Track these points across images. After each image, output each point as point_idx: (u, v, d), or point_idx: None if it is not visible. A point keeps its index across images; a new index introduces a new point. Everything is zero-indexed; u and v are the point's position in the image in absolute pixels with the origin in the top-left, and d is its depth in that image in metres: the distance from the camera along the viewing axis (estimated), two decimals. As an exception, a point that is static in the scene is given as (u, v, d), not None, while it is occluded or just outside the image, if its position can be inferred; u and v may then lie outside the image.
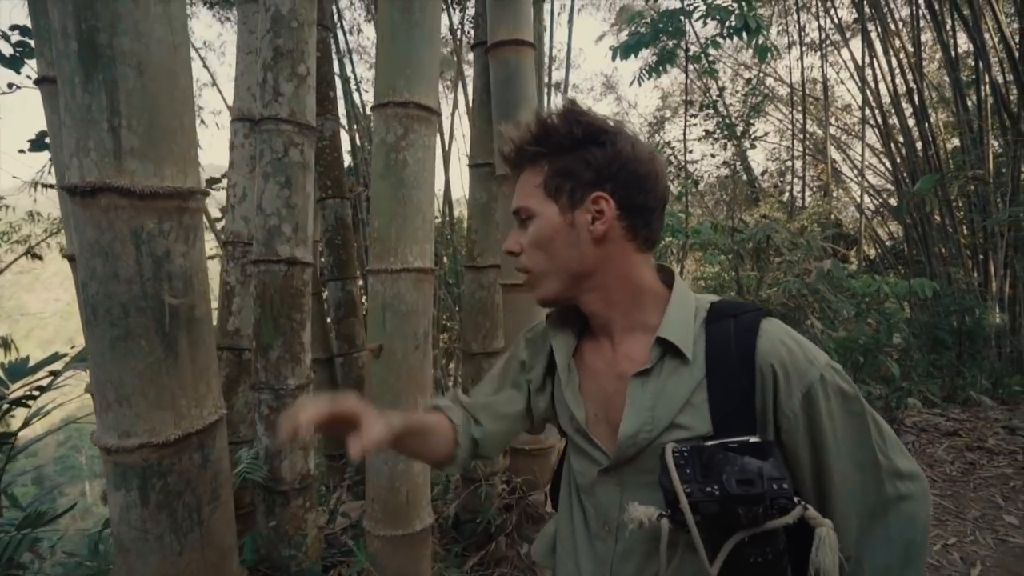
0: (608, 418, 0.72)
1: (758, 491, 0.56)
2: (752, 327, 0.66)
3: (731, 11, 4.56)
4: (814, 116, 9.65)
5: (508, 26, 1.85)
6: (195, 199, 0.93)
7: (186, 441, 0.93)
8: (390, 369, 1.36)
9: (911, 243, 8.25)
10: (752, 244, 5.41)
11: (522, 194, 0.72)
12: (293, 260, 1.58)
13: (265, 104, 1.52)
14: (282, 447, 1.61)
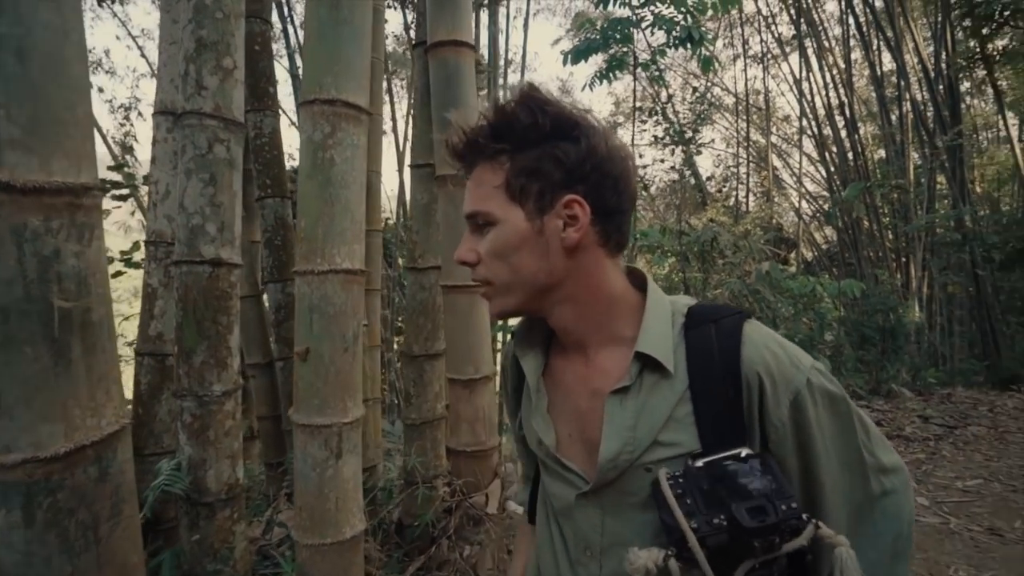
0: (583, 438, 0.67)
1: (773, 521, 0.53)
2: (735, 333, 0.62)
3: (677, 22, 4.73)
4: (757, 125, 10.14)
5: (447, 26, 1.85)
6: (90, 196, 0.88)
7: (79, 454, 0.87)
8: (317, 373, 1.33)
9: (843, 246, 8.80)
10: (698, 247, 5.62)
11: (478, 196, 0.63)
12: (219, 261, 1.51)
13: (187, 98, 1.45)
14: (207, 456, 1.53)
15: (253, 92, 2.51)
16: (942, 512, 3.18)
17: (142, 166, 6.26)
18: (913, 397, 5.55)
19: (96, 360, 0.90)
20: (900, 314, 6.35)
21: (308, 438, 1.34)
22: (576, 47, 4.93)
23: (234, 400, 1.59)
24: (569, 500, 0.67)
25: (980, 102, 9.93)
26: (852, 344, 6.32)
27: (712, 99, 10.48)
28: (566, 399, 0.69)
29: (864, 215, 7.78)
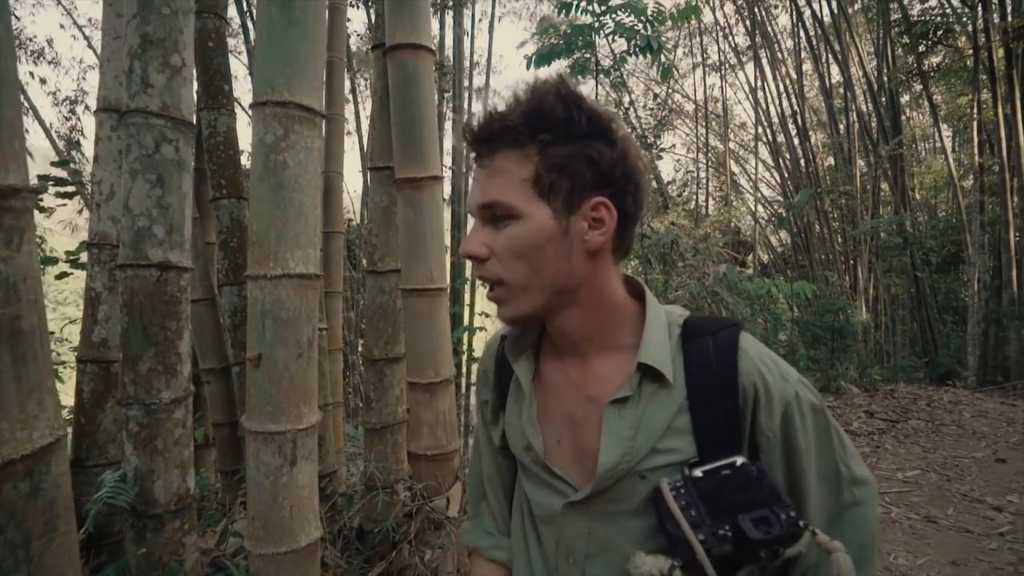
0: (575, 444, 0.66)
1: (777, 532, 0.54)
2: (732, 345, 0.63)
3: (637, 31, 4.84)
4: (716, 131, 10.48)
5: (406, 29, 1.85)
6: (20, 198, 0.84)
7: (8, 469, 0.83)
8: (271, 379, 1.30)
9: (797, 249, 9.19)
10: (659, 249, 5.77)
11: (499, 185, 0.59)
12: (167, 265, 1.46)
13: (132, 95, 1.40)
14: (155, 466, 1.48)
15: (207, 90, 2.43)
16: (884, 502, 3.36)
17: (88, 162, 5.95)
18: (860, 393, 5.85)
19: (27, 370, 0.86)
20: (848, 314, 6.69)
21: (261, 445, 1.31)
22: (540, 51, 4.98)
23: (184, 408, 1.54)
24: (554, 508, 0.67)
25: (918, 114, 10.56)
26: (804, 343, 6.61)
27: (673, 105, 10.78)
28: (556, 404, 0.68)
29: (815, 219, 8.15)
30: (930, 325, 7.57)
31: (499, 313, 0.63)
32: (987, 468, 3.79)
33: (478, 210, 0.62)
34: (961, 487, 3.51)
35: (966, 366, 6.97)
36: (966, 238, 7.10)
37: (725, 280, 5.44)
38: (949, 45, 6.82)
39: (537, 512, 0.70)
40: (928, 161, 10.31)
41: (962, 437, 4.49)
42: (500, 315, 0.64)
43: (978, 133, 6.83)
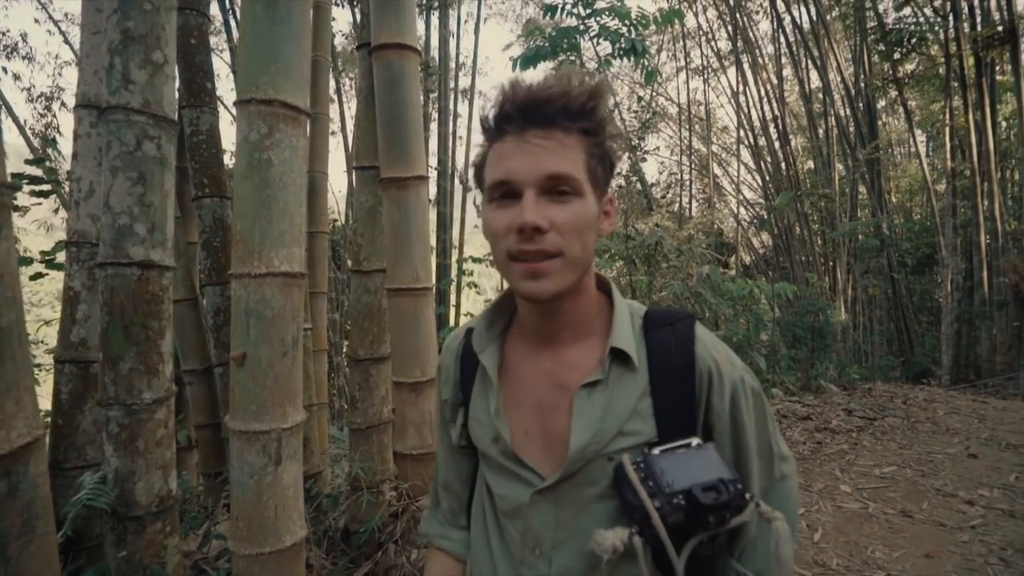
0: (543, 432, 0.69)
1: (725, 498, 0.58)
2: (689, 334, 0.69)
3: (621, 34, 4.90)
4: (699, 134, 10.63)
5: (391, 29, 1.85)
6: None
7: (-13, 467, 0.82)
8: (255, 378, 1.30)
9: (778, 251, 9.37)
10: (643, 251, 5.83)
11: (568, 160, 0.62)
12: (148, 263, 1.44)
13: (113, 92, 1.39)
14: (136, 468, 1.46)
15: (189, 87, 2.41)
16: (862, 498, 3.44)
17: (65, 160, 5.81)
18: (839, 392, 5.98)
19: (5, 368, 0.85)
20: (828, 315, 6.83)
21: (245, 445, 1.31)
22: (525, 53, 5.01)
23: (166, 408, 1.52)
24: (522, 499, 0.68)
25: (894, 120, 10.84)
26: (786, 343, 6.73)
27: (657, 108, 10.91)
28: (524, 394, 0.71)
29: (795, 222, 8.31)
30: (906, 325, 7.76)
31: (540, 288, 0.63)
32: (959, 463, 3.90)
33: (542, 180, 0.61)
34: (935, 482, 3.61)
35: (940, 365, 7.16)
36: (940, 240, 7.30)
37: (708, 281, 5.51)
38: (922, 53, 7.02)
39: (502, 506, 0.72)
40: (903, 165, 10.59)
41: (936, 434, 4.61)
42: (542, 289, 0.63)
43: (950, 138, 7.04)
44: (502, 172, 0.63)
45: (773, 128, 8.96)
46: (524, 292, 0.64)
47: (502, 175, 0.63)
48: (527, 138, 0.62)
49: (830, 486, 3.68)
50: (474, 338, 0.75)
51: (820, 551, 2.81)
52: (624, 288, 6.79)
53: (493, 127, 0.65)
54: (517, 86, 0.63)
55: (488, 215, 0.65)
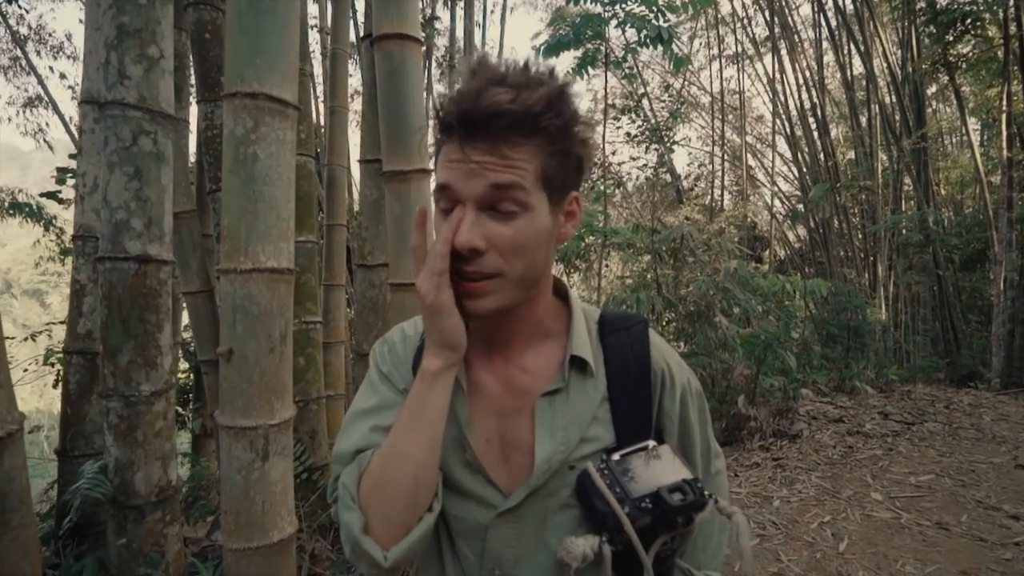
0: (504, 440, 0.66)
1: (691, 498, 0.59)
2: (644, 339, 0.69)
3: (647, 20, 4.73)
4: (732, 124, 10.25)
5: (392, 19, 1.81)
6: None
7: (-41, 460, 0.83)
8: (242, 374, 1.30)
9: (814, 245, 8.98)
10: (667, 246, 5.67)
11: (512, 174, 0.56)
12: (146, 258, 1.46)
13: (109, 87, 1.40)
14: (135, 458, 1.49)
15: (204, 82, 2.44)
16: (894, 507, 3.27)
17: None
18: (875, 394, 5.70)
19: (-21, 362, 0.86)
20: (866, 313, 6.51)
21: (233, 440, 1.31)
22: (548, 42, 4.91)
23: (165, 400, 1.55)
24: (479, 521, 0.65)
25: (945, 107, 10.19)
26: (820, 342, 6.46)
27: (689, 98, 10.58)
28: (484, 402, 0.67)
29: (833, 215, 7.94)
30: (952, 325, 7.32)
31: (478, 306, 0.59)
32: (1006, 474, 3.65)
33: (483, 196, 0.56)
34: (976, 493, 3.38)
35: (990, 367, 6.74)
36: (992, 235, 6.84)
37: (736, 276, 5.32)
38: (978, 35, 6.54)
39: (456, 527, 0.67)
40: (954, 155, 9.95)
41: (981, 441, 4.33)
42: (479, 308, 0.59)
43: (1007, 126, 6.55)
44: (444, 178, 0.58)
45: (811, 117, 8.57)
46: (465, 308, 0.60)
47: (444, 181, 0.58)
48: (469, 152, 0.56)
49: (859, 493, 3.51)
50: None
51: (845, 562, 2.67)
52: (649, 283, 6.65)
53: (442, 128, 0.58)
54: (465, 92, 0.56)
55: (435, 223, 0.61)
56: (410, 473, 0.60)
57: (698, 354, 5.21)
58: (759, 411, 4.85)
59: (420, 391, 0.62)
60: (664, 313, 5.80)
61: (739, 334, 5.33)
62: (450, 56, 7.52)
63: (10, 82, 6.83)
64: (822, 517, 3.17)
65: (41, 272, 15.62)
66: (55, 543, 1.55)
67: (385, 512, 0.60)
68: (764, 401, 5.14)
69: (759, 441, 4.53)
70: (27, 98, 6.88)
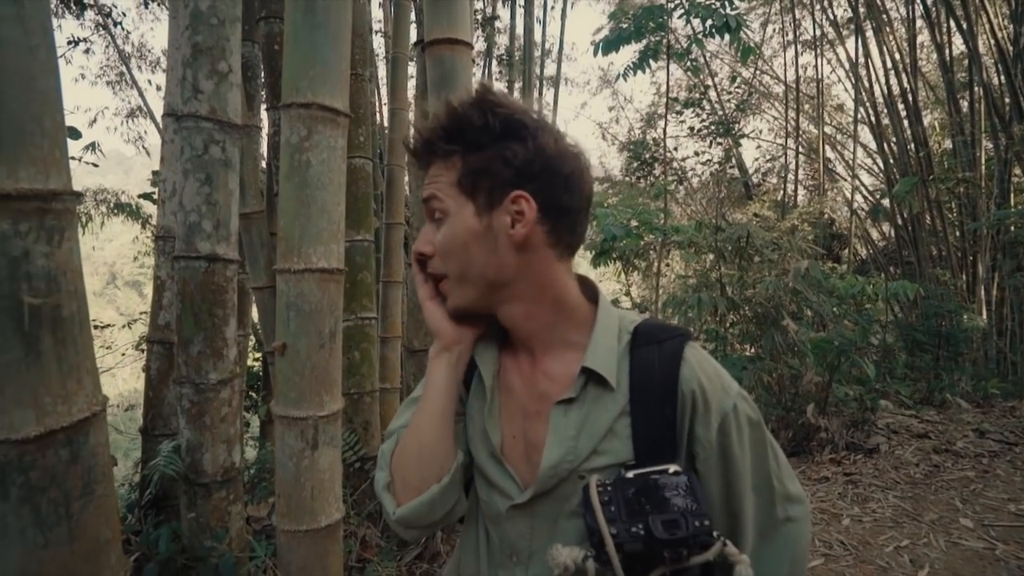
0: (526, 439, 0.69)
1: (682, 534, 0.57)
2: (676, 354, 0.66)
3: (712, 9, 4.52)
4: (808, 115, 9.57)
5: (443, 24, 1.84)
6: (60, 200, 0.95)
7: (50, 438, 0.95)
8: (294, 368, 1.38)
9: (902, 244, 8.21)
10: (731, 244, 5.39)
11: (433, 187, 0.66)
12: (214, 257, 1.59)
13: (185, 101, 1.53)
14: (204, 440, 1.63)
15: (272, 90, 2.60)
16: (988, 536, 2.95)
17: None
18: (970, 409, 5.15)
19: (67, 352, 0.97)
20: (961, 318, 5.88)
21: (286, 429, 1.40)
22: (606, 37, 4.81)
23: (231, 388, 1.68)
24: (501, 509, 0.69)
25: (1066, 86, 8.94)
26: (905, 349, 5.92)
27: (762, 87, 9.99)
28: (513, 400, 0.71)
29: (924, 210, 7.22)
30: (1070, 334, 6.45)
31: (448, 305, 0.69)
32: None
33: (424, 206, 0.68)
34: (1090, 528, 2.99)
35: (1116, 384, 5.89)
36: (1123, 233, 5.95)
37: (808, 277, 4.98)
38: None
39: (485, 511, 0.72)
40: (1078, 142, 8.72)
41: (1099, 469, 3.81)
42: (449, 306, 0.69)
43: None
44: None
45: (901, 103, 7.83)
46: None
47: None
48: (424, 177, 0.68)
49: (945, 518, 3.20)
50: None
51: (922, 593, 2.45)
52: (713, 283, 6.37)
53: None
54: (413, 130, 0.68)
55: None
56: (416, 443, 0.70)
57: (764, 358, 4.94)
58: (831, 422, 4.53)
59: (427, 373, 0.72)
60: (728, 315, 5.54)
61: (809, 338, 5.00)
62: (509, 55, 7.56)
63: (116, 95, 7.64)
64: (899, 541, 2.93)
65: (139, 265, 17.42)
66: (138, 512, 1.73)
67: (403, 475, 0.70)
68: (837, 411, 4.80)
69: (829, 454, 4.24)
70: (129, 109, 7.68)
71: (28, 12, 0.88)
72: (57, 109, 0.95)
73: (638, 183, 8.27)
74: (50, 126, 0.93)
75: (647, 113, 10.14)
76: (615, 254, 6.21)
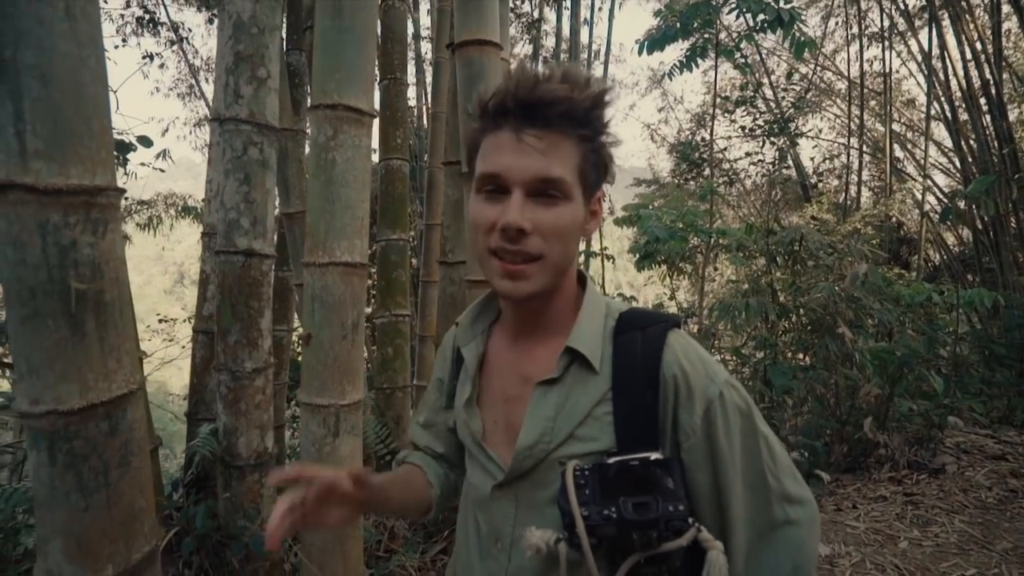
0: (507, 424, 0.70)
1: (652, 516, 0.56)
2: (659, 340, 0.65)
3: (764, 3, 4.34)
4: (874, 111, 8.97)
5: (471, 26, 1.88)
6: (105, 195, 1.04)
7: (91, 411, 1.04)
8: (318, 357, 1.44)
9: (980, 249, 7.54)
10: (783, 248, 5.13)
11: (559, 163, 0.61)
12: (251, 252, 1.69)
13: (227, 106, 1.64)
14: (239, 425, 1.73)
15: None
16: (1069, 573, 2.66)
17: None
18: (1060, 431, 4.65)
19: (108, 334, 1.06)
20: (1049, 331, 5.32)
21: (309, 416, 1.46)
22: (651, 36, 4.72)
23: (264, 377, 1.77)
24: (486, 491, 0.70)
25: None
26: (983, 363, 5.43)
27: (822, 84, 9.47)
28: (495, 385, 0.72)
29: (1009, 212, 6.61)
30: None
31: (517, 289, 0.63)
32: None
33: (532, 182, 0.61)
34: None
35: None
36: None
37: (867, 283, 4.67)
38: None
39: (472, 495, 0.74)
40: None
41: None
42: (518, 290, 0.63)
43: None
44: (493, 166, 0.62)
45: (982, 97, 7.20)
46: (500, 290, 0.65)
47: (493, 169, 0.62)
48: (522, 137, 0.60)
49: (1021, 548, 2.91)
50: (458, 333, 0.78)
51: (988, 629, 2.25)
52: (764, 288, 6.08)
53: (490, 117, 0.63)
54: (521, 80, 0.61)
55: (475, 207, 0.65)
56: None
57: (817, 368, 4.68)
58: (891, 437, 4.23)
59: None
60: (779, 322, 5.29)
61: (868, 349, 4.69)
62: (555, 57, 7.56)
63: (186, 106, 8.26)
64: (964, 569, 2.69)
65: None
66: (181, 489, 1.87)
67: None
68: (898, 427, 4.47)
69: (888, 472, 3.96)
70: (197, 119, 8.27)
71: (80, 27, 0.98)
72: (104, 113, 1.04)
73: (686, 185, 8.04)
74: (98, 128, 1.02)
75: (697, 113, 9.85)
76: (660, 257, 6.06)
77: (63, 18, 0.95)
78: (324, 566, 1.48)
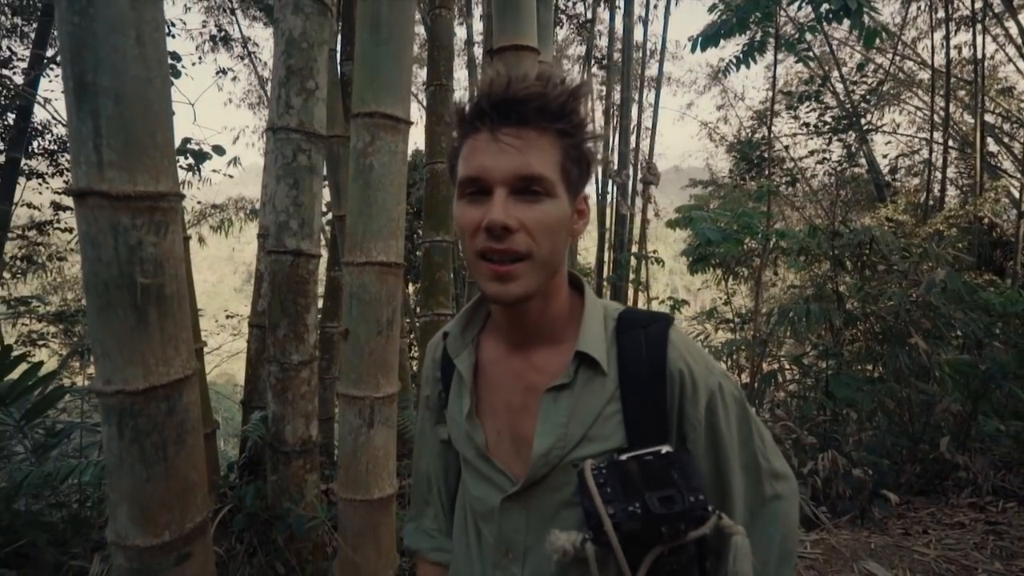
0: (513, 434, 0.70)
1: (679, 508, 0.58)
2: (662, 338, 0.67)
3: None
4: (962, 102, 8.20)
5: (508, 32, 1.93)
6: (167, 200, 1.16)
7: (152, 392, 1.17)
8: (355, 352, 1.53)
9: (1090, 254, 6.72)
10: (849, 251, 4.80)
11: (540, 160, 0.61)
12: (299, 252, 1.82)
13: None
14: (286, 413, 1.86)
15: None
16: None
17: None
18: None
19: (167, 324, 1.19)
20: None
21: (347, 406, 1.55)
22: (704, 32, 4.58)
23: (309, 369, 1.90)
24: (493, 503, 0.70)
25: None
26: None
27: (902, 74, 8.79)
28: (497, 396, 0.72)
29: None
30: None
31: (506, 291, 0.62)
32: None
33: (513, 179, 0.60)
34: None
35: None
36: None
37: (944, 290, 4.29)
38: None
39: (477, 508, 0.73)
40: None
41: None
42: (508, 293, 0.62)
43: None
44: (473, 169, 0.62)
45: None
46: (490, 293, 0.63)
47: (473, 172, 0.62)
48: (499, 136, 0.61)
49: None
50: (448, 343, 0.77)
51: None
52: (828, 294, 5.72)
53: (467, 121, 0.64)
54: (496, 82, 0.62)
55: (459, 211, 0.65)
56: None
57: (887, 380, 4.36)
58: (974, 460, 3.87)
59: None
60: (845, 330, 4.96)
61: (947, 361, 4.31)
62: (608, 57, 7.49)
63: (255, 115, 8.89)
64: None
65: (272, 265, 20.10)
66: (236, 469, 2.03)
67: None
68: (983, 448, 4.08)
69: (969, 497, 3.63)
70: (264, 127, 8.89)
71: (148, 51, 1.10)
72: (167, 127, 1.17)
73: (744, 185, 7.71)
74: (161, 141, 1.15)
75: (759, 111, 9.41)
76: (715, 260, 5.85)
77: (134, 45, 1.07)
78: (358, 550, 1.57)
